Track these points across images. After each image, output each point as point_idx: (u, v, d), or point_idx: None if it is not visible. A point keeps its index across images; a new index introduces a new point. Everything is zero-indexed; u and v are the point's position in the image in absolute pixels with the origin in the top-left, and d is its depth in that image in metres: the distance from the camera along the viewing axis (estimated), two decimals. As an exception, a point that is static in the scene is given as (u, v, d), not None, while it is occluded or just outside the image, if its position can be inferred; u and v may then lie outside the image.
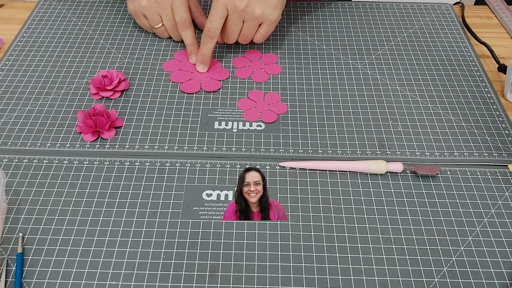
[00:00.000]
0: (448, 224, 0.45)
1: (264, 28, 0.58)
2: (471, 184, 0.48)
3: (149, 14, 0.61)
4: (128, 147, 0.51)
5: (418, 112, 0.56)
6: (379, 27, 0.68)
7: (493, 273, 0.41)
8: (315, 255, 0.42)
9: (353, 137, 0.53)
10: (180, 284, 0.40)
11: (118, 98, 0.56)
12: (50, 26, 0.66)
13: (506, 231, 0.44)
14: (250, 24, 0.57)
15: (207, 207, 0.46)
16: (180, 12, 0.58)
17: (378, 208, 0.46)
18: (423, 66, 0.62)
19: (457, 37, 0.67)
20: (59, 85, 0.58)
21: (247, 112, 0.55)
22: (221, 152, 0.51)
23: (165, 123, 0.53)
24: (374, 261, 0.42)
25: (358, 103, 0.56)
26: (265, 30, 0.59)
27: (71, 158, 0.49)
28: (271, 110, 0.55)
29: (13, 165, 0.49)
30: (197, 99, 0.57)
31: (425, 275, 0.41)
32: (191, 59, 0.61)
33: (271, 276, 0.41)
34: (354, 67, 0.62)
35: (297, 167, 0.49)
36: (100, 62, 0.61)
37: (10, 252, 0.42)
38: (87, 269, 0.41)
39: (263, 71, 0.60)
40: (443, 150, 0.52)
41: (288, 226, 0.44)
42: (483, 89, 0.59)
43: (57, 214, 0.45)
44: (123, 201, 0.46)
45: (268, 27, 0.58)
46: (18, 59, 0.61)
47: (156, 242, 0.43)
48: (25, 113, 0.54)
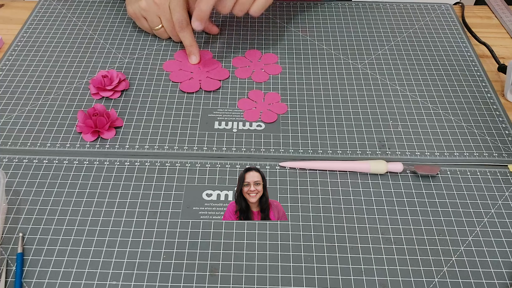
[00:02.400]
0: (448, 224, 0.45)
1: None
2: (471, 184, 0.48)
3: (148, 15, 0.61)
4: (128, 147, 0.51)
5: (418, 112, 0.56)
6: (379, 27, 0.68)
7: (493, 273, 0.41)
8: (315, 255, 0.42)
9: (353, 137, 0.53)
10: (180, 284, 0.40)
11: (118, 98, 0.56)
12: (50, 26, 0.66)
13: (506, 231, 0.44)
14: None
15: (207, 207, 0.46)
16: (176, 13, 0.58)
17: (378, 208, 0.46)
18: (423, 66, 0.62)
19: (457, 37, 0.67)
20: (59, 85, 0.58)
21: (247, 112, 0.55)
22: (221, 152, 0.51)
23: (165, 123, 0.53)
24: (374, 261, 0.42)
25: (358, 103, 0.56)
26: (263, 1, 0.55)
27: (71, 158, 0.49)
28: (271, 110, 0.55)
29: (13, 165, 0.49)
30: (197, 99, 0.57)
31: (425, 275, 0.41)
32: (191, 60, 0.61)
33: (271, 276, 0.41)
34: (354, 67, 0.62)
35: (297, 167, 0.49)
36: (100, 62, 0.61)
37: (10, 252, 0.42)
38: (87, 269, 0.41)
39: (263, 71, 0.60)
40: (443, 150, 0.52)
41: (288, 226, 0.44)
42: (483, 89, 0.59)
43: (57, 214, 0.45)
44: (123, 201, 0.46)
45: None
46: (18, 59, 0.61)
47: (156, 242, 0.43)
48: (25, 113, 0.54)
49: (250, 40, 0.65)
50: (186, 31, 0.59)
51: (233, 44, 0.65)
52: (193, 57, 0.60)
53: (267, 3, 0.56)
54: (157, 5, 0.59)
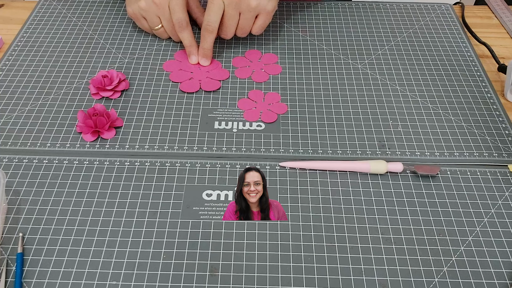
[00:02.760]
0: (448, 224, 0.45)
1: (261, 19, 0.59)
2: (471, 184, 0.48)
3: (148, 16, 0.61)
4: (128, 147, 0.51)
5: (418, 112, 0.56)
6: (379, 27, 0.68)
7: (493, 273, 0.41)
8: (315, 255, 0.42)
9: (353, 137, 0.53)
10: (180, 284, 0.40)
11: (118, 98, 0.56)
12: (50, 26, 0.66)
13: (506, 231, 0.44)
14: (247, 16, 0.58)
15: (207, 207, 0.46)
16: (176, 13, 0.58)
17: (378, 208, 0.46)
18: (423, 66, 0.62)
19: (457, 37, 0.67)
20: (59, 85, 0.58)
21: (247, 112, 0.55)
22: (221, 152, 0.51)
23: (165, 123, 0.53)
24: (374, 261, 0.42)
25: (358, 103, 0.56)
26: (262, 21, 0.59)
27: (71, 158, 0.49)
28: (271, 110, 0.55)
29: (13, 165, 0.49)
30: (197, 99, 0.57)
31: (425, 275, 0.41)
32: (191, 60, 0.61)
33: (271, 276, 0.41)
34: (354, 67, 0.62)
35: (297, 167, 0.49)
36: (100, 62, 0.61)
37: (10, 252, 0.42)
38: (87, 269, 0.41)
39: (263, 71, 0.60)
40: (443, 150, 0.52)
41: (288, 226, 0.44)
42: (483, 89, 0.59)
43: (57, 214, 0.45)
44: (123, 201, 0.46)
45: (265, 17, 0.59)
46: (18, 59, 0.61)
47: (156, 242, 0.43)
48: (25, 113, 0.54)
49: (250, 40, 0.65)
50: (186, 31, 0.59)
51: (233, 44, 0.65)
52: (193, 57, 0.60)
53: (266, 22, 0.60)
54: (157, 5, 0.59)
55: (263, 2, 0.56)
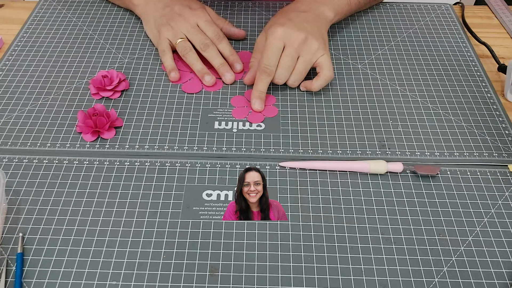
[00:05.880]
0: (448, 224, 0.45)
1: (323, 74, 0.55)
2: (471, 184, 0.48)
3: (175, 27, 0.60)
4: (128, 147, 0.51)
5: (418, 112, 0.56)
6: (379, 27, 0.68)
7: (493, 273, 0.41)
8: (315, 255, 0.42)
9: (353, 137, 0.53)
10: (180, 284, 0.40)
11: (118, 98, 0.56)
12: (50, 26, 0.66)
13: (506, 231, 0.44)
14: (305, 59, 0.54)
15: (207, 207, 0.46)
16: (210, 27, 0.59)
17: (378, 208, 0.46)
18: (423, 66, 0.62)
19: (457, 37, 0.67)
20: (59, 85, 0.58)
21: (236, 109, 0.55)
22: (221, 152, 0.51)
23: (165, 123, 0.53)
24: (374, 261, 0.42)
25: (358, 103, 0.56)
26: (324, 78, 0.55)
27: (71, 158, 0.49)
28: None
29: (13, 165, 0.49)
30: (197, 99, 0.57)
31: (425, 275, 0.41)
32: (226, 79, 0.58)
33: (271, 276, 0.41)
34: (354, 67, 0.62)
35: (297, 167, 0.49)
36: (100, 62, 0.61)
37: (10, 252, 0.42)
38: (87, 269, 0.41)
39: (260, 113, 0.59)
40: (443, 150, 0.52)
41: (288, 226, 0.44)
42: (483, 89, 0.59)
43: (57, 214, 0.45)
44: (123, 201, 0.46)
45: (327, 71, 0.55)
46: (18, 59, 0.61)
47: (156, 242, 0.43)
48: (25, 113, 0.54)
49: (250, 40, 0.65)
50: (224, 41, 0.60)
51: (233, 44, 0.64)
52: (228, 75, 0.58)
53: (328, 78, 0.56)
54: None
55: (321, 47, 0.54)
